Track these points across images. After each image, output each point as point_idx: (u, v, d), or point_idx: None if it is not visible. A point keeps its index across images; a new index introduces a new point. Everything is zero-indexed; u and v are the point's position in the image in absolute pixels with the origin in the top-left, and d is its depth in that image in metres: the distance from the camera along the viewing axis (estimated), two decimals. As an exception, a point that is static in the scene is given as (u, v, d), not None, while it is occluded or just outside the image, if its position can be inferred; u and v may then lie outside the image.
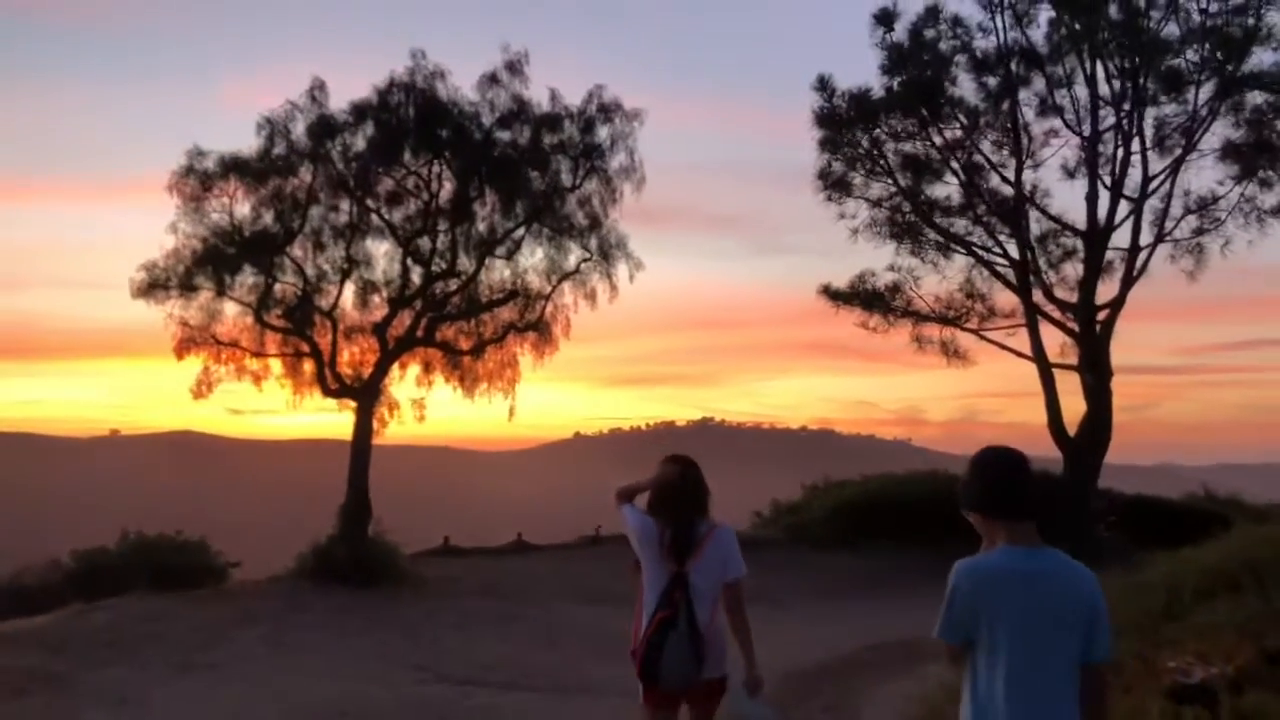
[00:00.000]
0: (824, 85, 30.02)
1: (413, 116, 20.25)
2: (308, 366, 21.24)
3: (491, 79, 20.81)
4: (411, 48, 20.41)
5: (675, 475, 5.72)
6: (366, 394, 21.16)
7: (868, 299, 31.28)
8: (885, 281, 31.02)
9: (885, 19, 29.27)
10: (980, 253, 30.11)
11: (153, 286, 19.60)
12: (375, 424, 21.54)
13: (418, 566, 21.77)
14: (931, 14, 29.23)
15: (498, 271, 22.10)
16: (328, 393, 21.12)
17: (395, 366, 21.85)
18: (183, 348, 20.06)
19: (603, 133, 21.45)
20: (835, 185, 30.47)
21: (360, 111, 20.35)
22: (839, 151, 30.16)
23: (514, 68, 20.86)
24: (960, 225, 30.45)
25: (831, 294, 31.52)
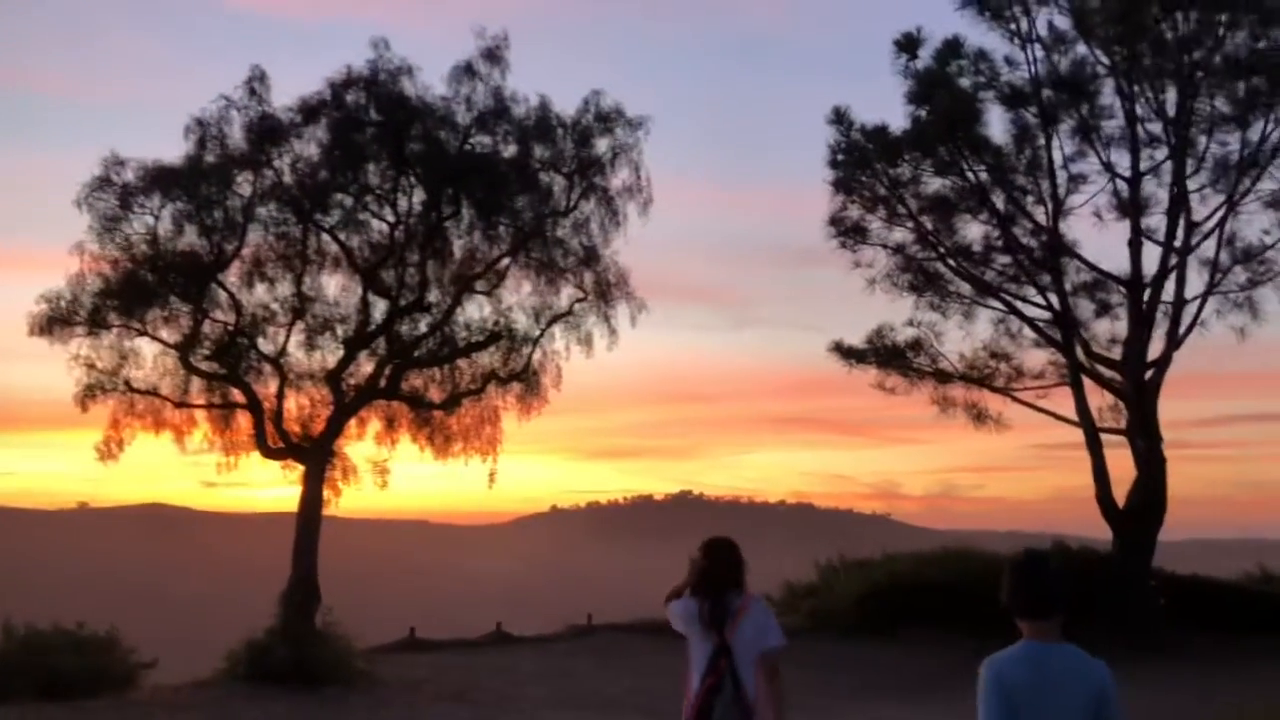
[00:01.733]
0: (840, 118, 26.71)
1: (374, 118, 16.59)
2: (243, 420, 17.33)
3: (467, 70, 17.17)
4: (372, 37, 16.75)
5: (708, 553, 5.95)
6: (316, 455, 17.25)
7: (886, 356, 27.78)
8: (905, 337, 27.59)
9: (909, 45, 26.05)
10: (1015, 305, 26.58)
11: (54, 322, 15.73)
12: (326, 491, 17.61)
13: (376, 665, 17.76)
14: (952, 48, 26.02)
15: (477, 309, 18.34)
16: (268, 453, 17.20)
17: (352, 422, 17.93)
18: (87, 396, 16.13)
19: (602, 145, 17.88)
20: (850, 231, 27.08)
21: (310, 111, 16.61)
22: (855, 193, 26.85)
23: (493, 56, 17.26)
24: (990, 275, 27.03)
25: (845, 352, 28.00)
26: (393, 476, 18.06)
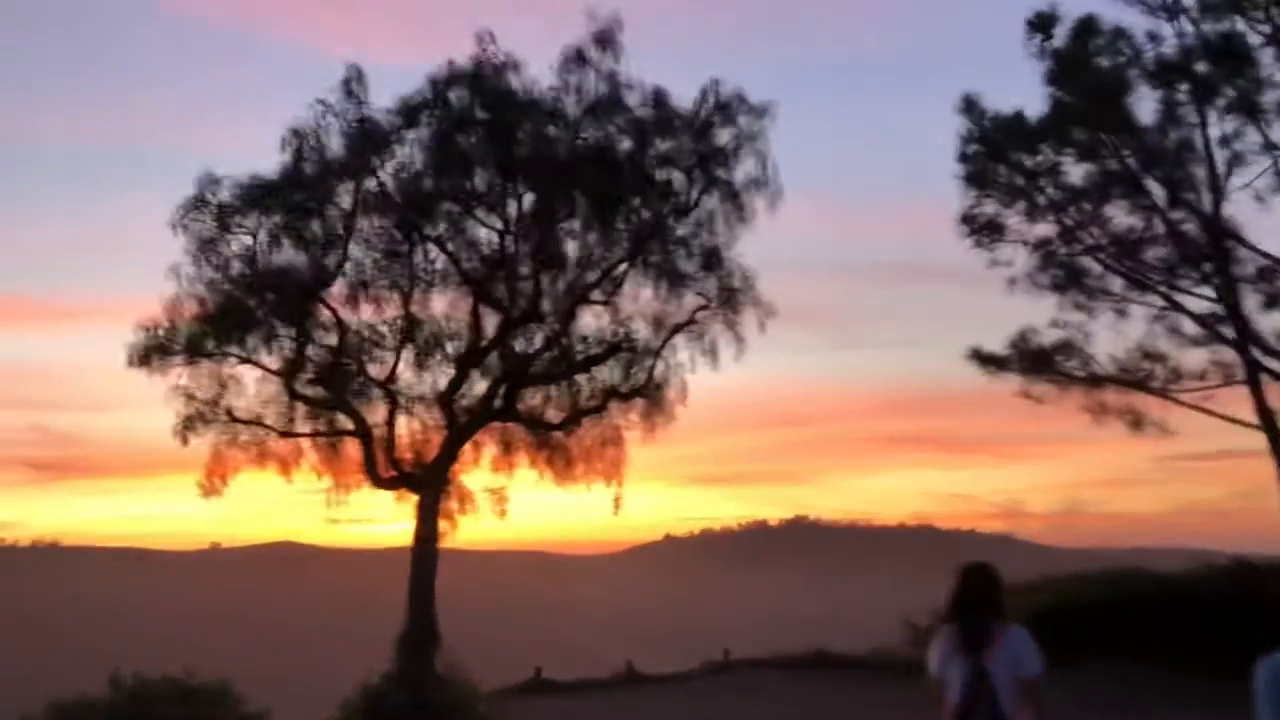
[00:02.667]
0: (971, 107, 24.63)
1: (480, 116, 15.24)
2: (352, 449, 16.08)
3: (577, 57, 15.69)
4: (476, 29, 15.38)
5: (961, 579, 6.02)
6: (430, 484, 15.90)
7: (1032, 362, 25.48)
8: (1051, 340, 25.26)
9: (1043, 24, 23.87)
10: (1174, 298, 24.04)
11: (152, 351, 14.71)
12: (442, 523, 16.23)
13: (502, 710, 16.33)
14: (1088, 26, 23.75)
15: (594, 319, 16.81)
16: (380, 483, 15.91)
17: (467, 448, 16.55)
18: (186, 428, 15.06)
19: (723, 136, 16.23)
20: (985, 228, 24.91)
21: (411, 111, 15.27)
22: (988, 187, 24.71)
23: (605, 41, 15.72)
24: (1144, 267, 24.54)
25: (984, 359, 25.78)
26: (510, 504, 16.57)
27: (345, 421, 15.84)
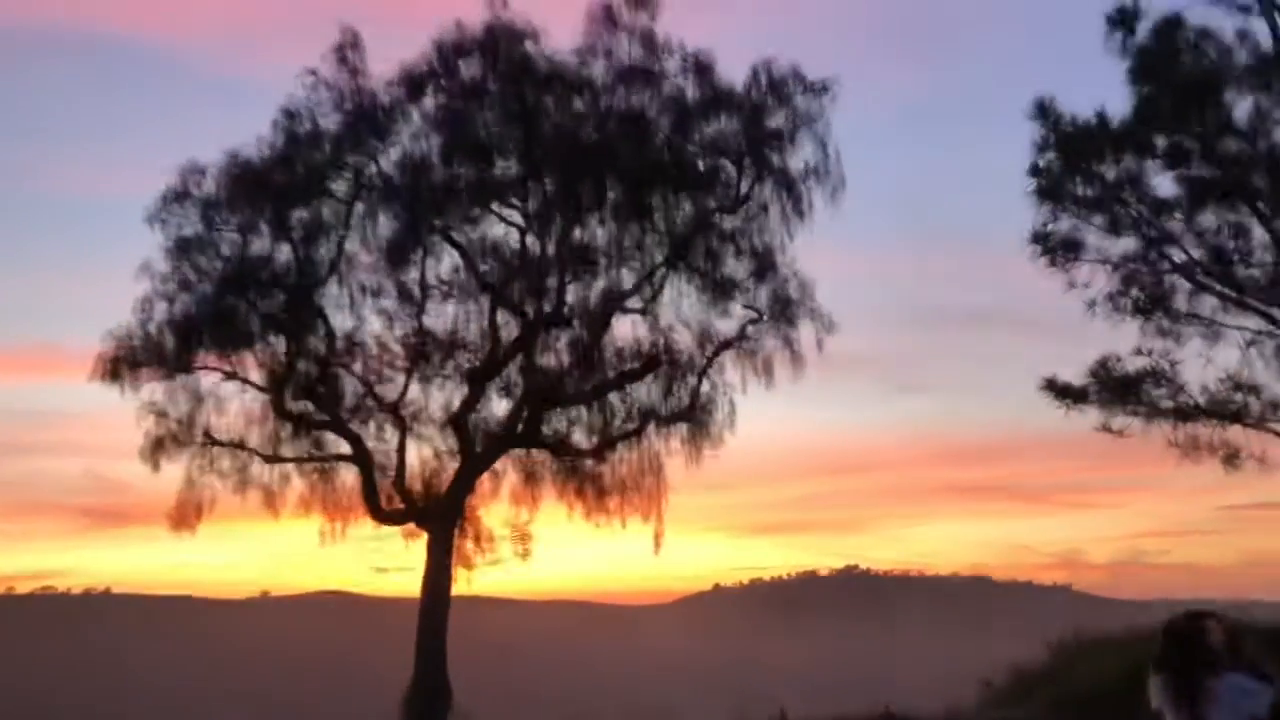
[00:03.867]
0: (1045, 111, 22.25)
1: (494, 88, 13.17)
2: (349, 478, 13.92)
3: (605, 17, 13.52)
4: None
5: (1165, 636, 6.04)
6: (441, 518, 13.70)
7: (1115, 391, 22.86)
8: (1135, 368, 22.66)
9: (1124, 19, 21.47)
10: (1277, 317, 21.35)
11: (122, 363, 12.67)
12: (455, 563, 14.00)
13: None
14: (1173, 23, 21.32)
15: (630, 328, 14.58)
16: (382, 517, 13.72)
17: (485, 479, 14.33)
18: (155, 450, 12.97)
19: (777, 118, 14.03)
20: (1061, 246, 22.45)
21: (415, 82, 13.28)
22: (1064, 200, 22.30)
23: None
24: (1242, 284, 21.90)
25: (1059, 391, 23.21)
26: (536, 544, 14.29)
27: (340, 444, 13.67)
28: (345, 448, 13.75)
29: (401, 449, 14.19)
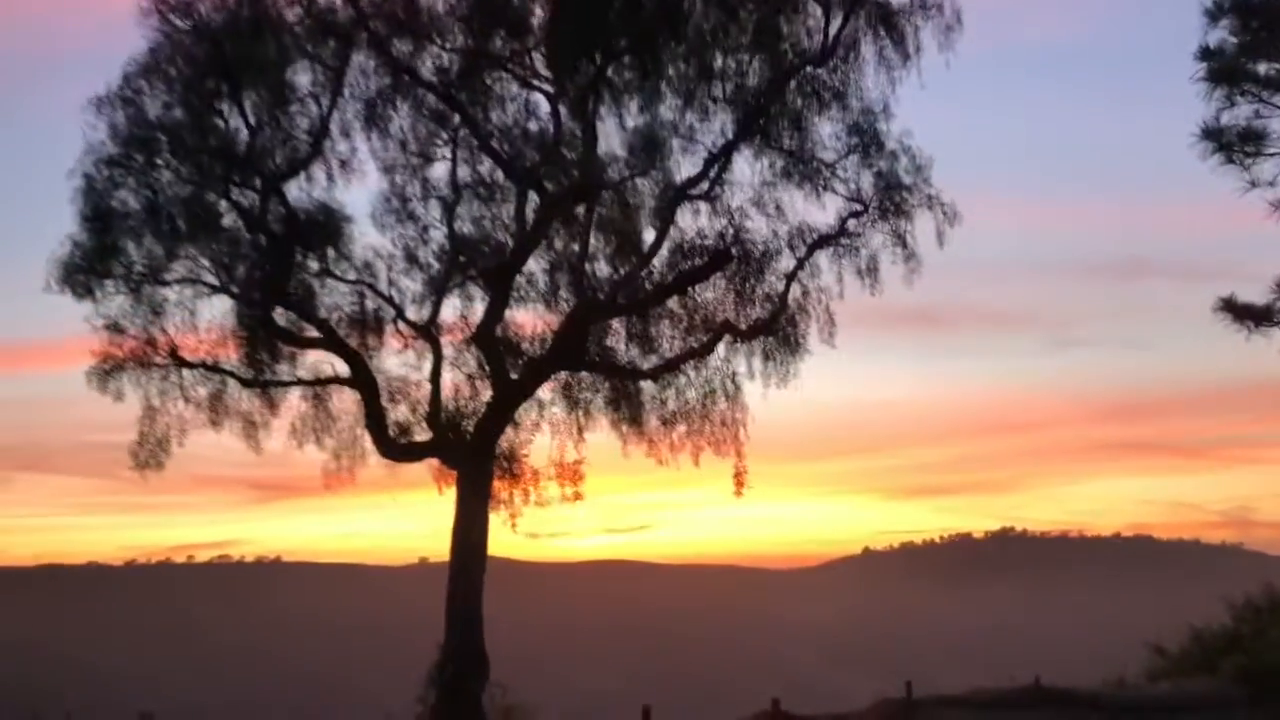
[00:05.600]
0: (1219, -22, 18.32)
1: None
2: (347, 402, 11.51)
3: None
4: None
5: None
6: (474, 455, 11.19)
7: (1310, 305, 18.88)
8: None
9: None
10: None
11: (75, 271, 10.45)
12: (494, 507, 11.50)
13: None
14: None
15: (691, 219, 11.66)
16: (393, 451, 11.28)
17: (525, 405, 11.70)
18: (108, 373, 10.74)
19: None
20: (1238, 139, 18.50)
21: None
22: (1243, 81, 18.33)
23: None
24: None
25: (1238, 311, 19.32)
26: (585, 483, 11.59)
27: (338, 364, 11.23)
28: (343, 368, 11.28)
29: (437, 372, 11.69)
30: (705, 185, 11.38)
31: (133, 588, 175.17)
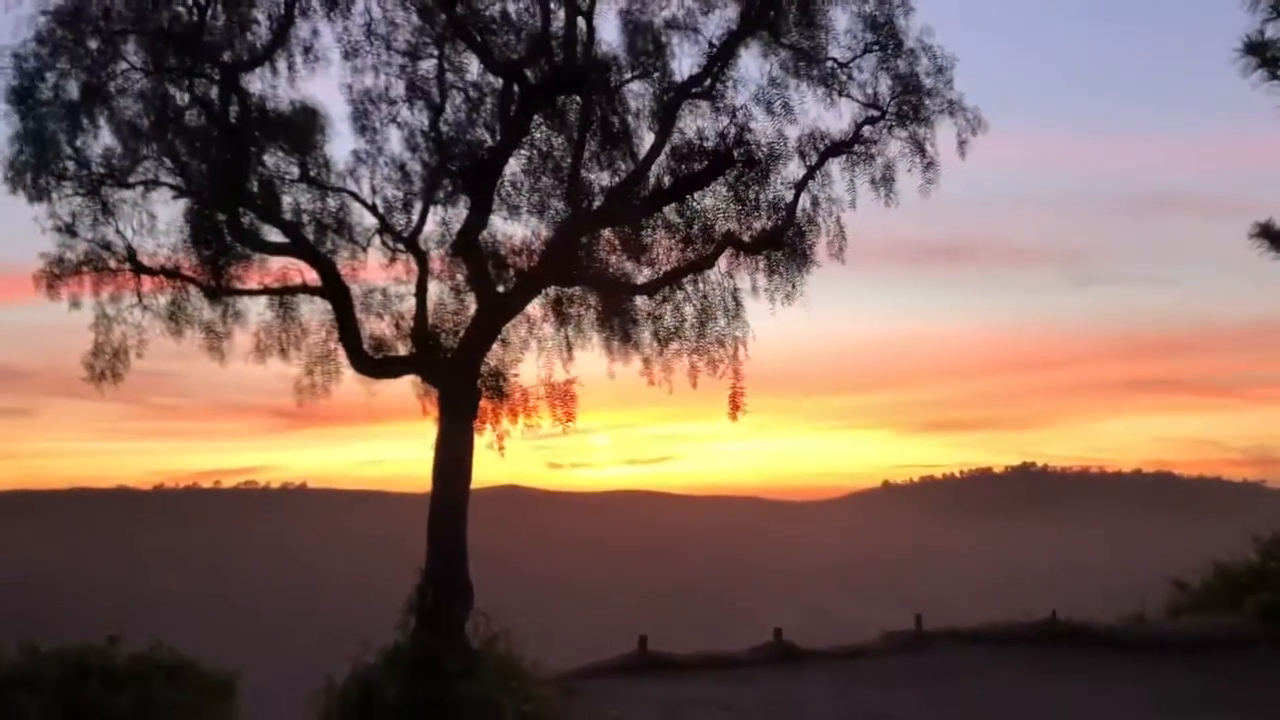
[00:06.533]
0: None
1: None
2: (319, 313, 10.75)
3: None
4: None
5: None
6: (457, 372, 10.49)
7: (1354, 230, 17.85)
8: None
9: None
10: None
11: (25, 168, 9.63)
12: (484, 432, 10.82)
13: (576, 701, 10.93)
14: None
15: (691, 119, 10.75)
16: (368, 367, 10.58)
17: (513, 321, 10.93)
18: (57, 277, 9.99)
19: None
20: (1284, 52, 17.30)
21: None
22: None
23: None
24: None
25: (1276, 236, 18.29)
26: (578, 405, 10.86)
27: (308, 272, 10.46)
28: (312, 275, 10.49)
29: (422, 285, 10.92)
30: (707, 83, 10.46)
31: (161, 511, 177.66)
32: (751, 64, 10.77)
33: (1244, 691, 12.34)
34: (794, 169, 11.20)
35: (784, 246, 10.99)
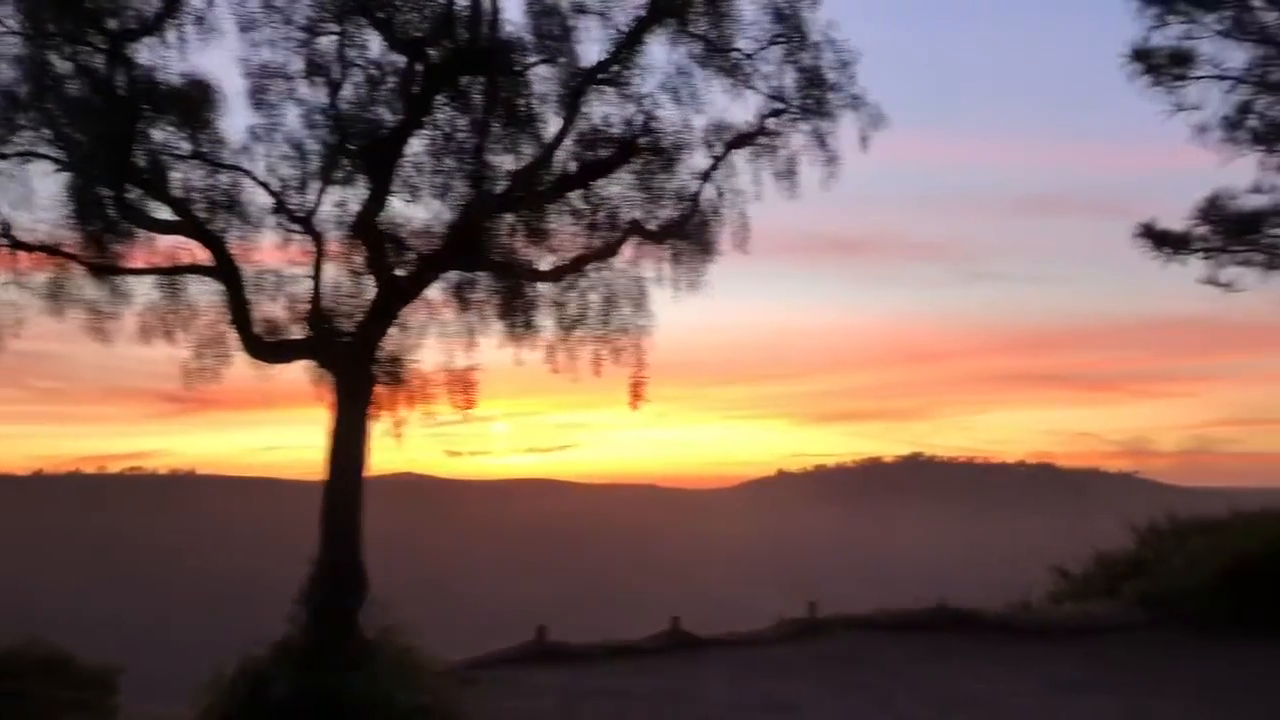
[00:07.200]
0: (1150, -119, 17.96)
1: None
2: (209, 294, 10.36)
3: None
4: None
5: None
6: (353, 356, 10.21)
7: (1229, 232, 18.84)
8: (1254, 206, 18.69)
9: None
10: None
11: None
12: (380, 417, 10.55)
13: (470, 692, 10.77)
14: None
15: (598, 105, 10.63)
16: (261, 350, 10.21)
17: (412, 305, 10.67)
18: None
19: None
20: (1167, 60, 18.10)
21: None
22: (1175, 2, 17.80)
23: None
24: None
25: (1158, 238, 19.20)
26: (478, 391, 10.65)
27: (198, 251, 10.05)
28: (203, 254, 10.09)
29: (319, 267, 10.58)
30: (615, 70, 10.35)
31: (41, 498, 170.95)
32: (659, 52, 10.70)
33: (1123, 674, 12.82)
34: (700, 159, 11.22)
35: (688, 236, 10.98)
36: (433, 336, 10.81)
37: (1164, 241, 19.03)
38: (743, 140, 11.32)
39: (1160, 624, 15.34)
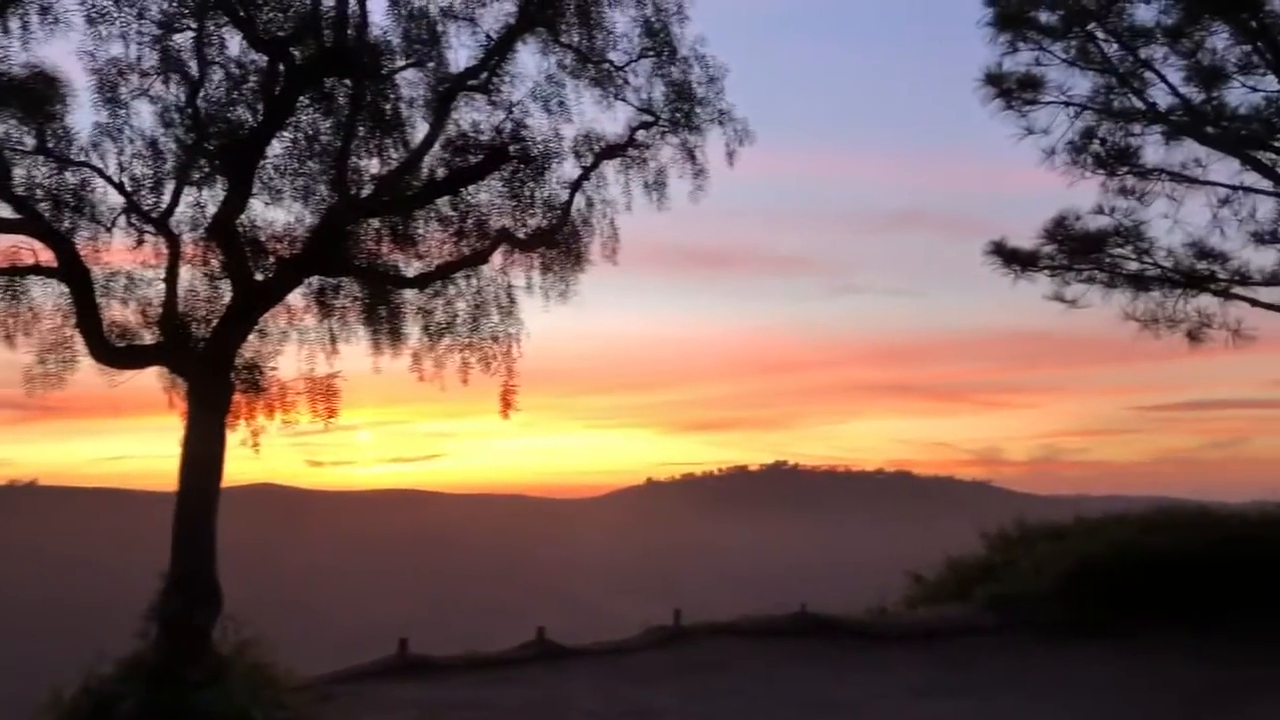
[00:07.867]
0: (1014, -81, 18.77)
1: None
2: (50, 294, 9.91)
3: None
4: None
5: None
6: (209, 363, 9.87)
7: (1073, 251, 19.70)
8: (1098, 226, 19.55)
9: None
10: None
11: None
12: (239, 428, 10.23)
13: (328, 709, 10.50)
14: None
15: (468, 113, 10.57)
16: (110, 356, 9.81)
17: (273, 312, 10.39)
18: None
19: None
20: (1019, 86, 18.89)
21: None
22: (1026, 27, 18.62)
23: None
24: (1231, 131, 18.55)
25: (1007, 255, 19.95)
26: (339, 399, 10.44)
27: (38, 250, 9.60)
28: (45, 255, 9.64)
29: (173, 270, 10.19)
30: (484, 76, 10.31)
31: None
32: (529, 60, 10.71)
33: (977, 676, 13.31)
34: (570, 168, 11.26)
35: (558, 245, 10.99)
36: (294, 343, 10.56)
37: (1013, 259, 19.80)
38: (613, 151, 11.40)
39: (1010, 627, 15.96)
